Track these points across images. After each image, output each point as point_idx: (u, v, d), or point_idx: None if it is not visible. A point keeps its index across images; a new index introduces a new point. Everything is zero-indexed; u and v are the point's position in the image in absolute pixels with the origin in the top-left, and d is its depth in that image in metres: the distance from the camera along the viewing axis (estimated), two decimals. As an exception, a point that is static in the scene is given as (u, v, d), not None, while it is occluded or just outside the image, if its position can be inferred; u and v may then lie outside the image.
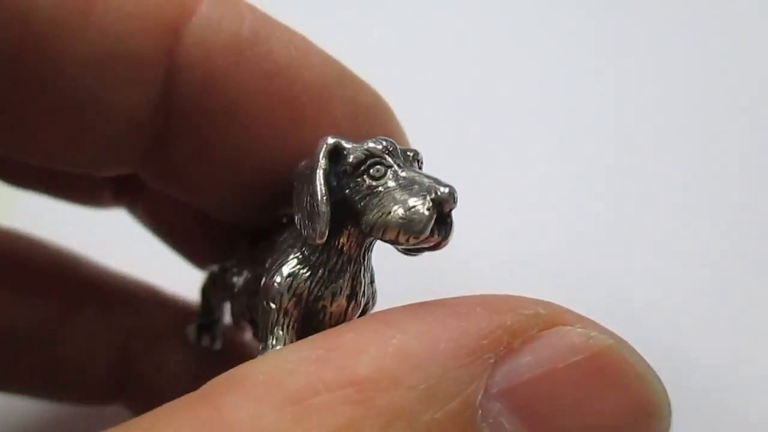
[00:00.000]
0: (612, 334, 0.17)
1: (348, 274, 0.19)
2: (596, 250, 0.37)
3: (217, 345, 0.28)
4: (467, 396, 0.16)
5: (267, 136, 0.21)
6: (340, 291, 0.19)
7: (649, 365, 0.17)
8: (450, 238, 0.18)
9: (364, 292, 0.20)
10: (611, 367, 0.17)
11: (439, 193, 0.17)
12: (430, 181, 0.18)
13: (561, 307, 0.17)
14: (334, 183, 0.19)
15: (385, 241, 0.18)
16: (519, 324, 0.16)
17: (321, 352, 0.16)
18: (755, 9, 0.41)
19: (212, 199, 0.23)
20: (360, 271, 0.20)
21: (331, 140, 0.19)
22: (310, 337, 0.17)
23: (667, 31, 0.42)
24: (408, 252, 0.19)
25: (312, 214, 0.18)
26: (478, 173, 0.38)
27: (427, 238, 0.18)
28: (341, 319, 0.20)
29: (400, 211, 0.18)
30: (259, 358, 0.16)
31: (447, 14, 0.44)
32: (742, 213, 0.36)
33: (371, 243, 0.20)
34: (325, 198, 0.18)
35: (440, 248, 0.18)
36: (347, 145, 0.19)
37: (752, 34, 0.41)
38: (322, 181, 0.18)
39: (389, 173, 0.18)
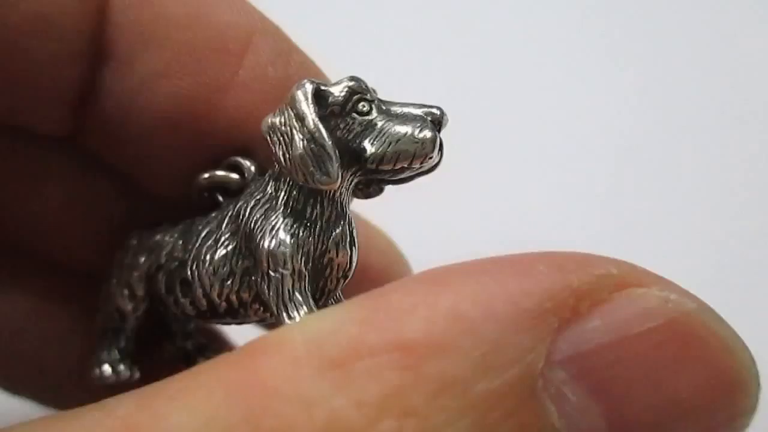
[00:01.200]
0: (694, 298, 0.15)
1: (344, 221, 0.19)
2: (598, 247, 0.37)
3: (136, 373, 0.23)
4: (527, 364, 0.14)
5: (194, 73, 0.21)
6: (342, 239, 0.19)
7: (736, 334, 0.15)
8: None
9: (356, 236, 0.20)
10: (692, 336, 0.15)
11: (436, 114, 0.19)
12: (418, 106, 0.19)
13: (636, 267, 0.15)
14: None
15: (387, 171, 0.18)
16: (587, 285, 0.14)
17: (365, 313, 0.14)
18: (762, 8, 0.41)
19: (141, 160, 0.23)
20: (350, 216, 0.19)
21: (309, 84, 0.18)
22: (352, 298, 0.15)
23: (676, 24, 0.42)
24: (402, 180, 0.19)
25: (319, 158, 0.18)
26: (480, 168, 0.38)
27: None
28: (348, 268, 0.19)
29: (410, 137, 0.18)
30: (299, 320, 0.15)
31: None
32: (744, 212, 0.37)
33: (352, 186, 0.19)
34: (330, 139, 0.18)
35: (435, 169, 0.19)
36: (324, 88, 0.18)
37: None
38: (320, 123, 0.18)
39: (374, 108, 0.19)
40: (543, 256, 0.15)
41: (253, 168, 0.21)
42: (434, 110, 0.19)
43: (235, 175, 0.21)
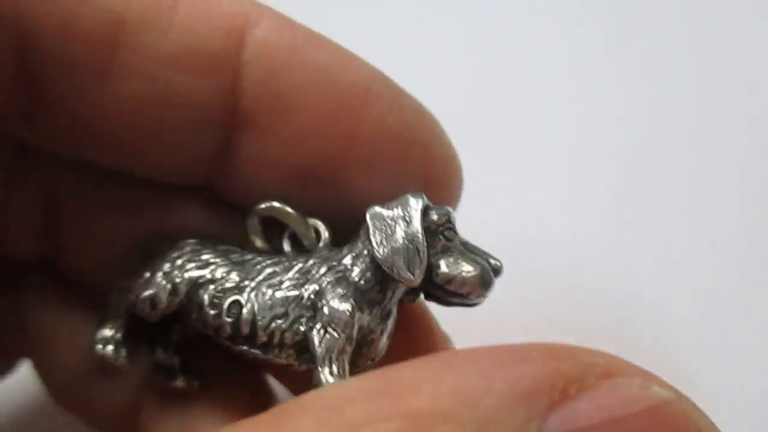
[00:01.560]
0: (673, 389, 0.17)
1: (393, 314, 0.23)
2: (598, 247, 0.38)
3: (129, 364, 0.25)
4: None
5: (327, 132, 0.24)
6: (386, 328, 0.23)
7: (713, 423, 0.16)
8: None
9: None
10: (672, 422, 0.16)
11: (498, 265, 0.23)
12: (485, 253, 0.23)
13: (620, 359, 0.17)
14: None
15: (445, 290, 0.22)
16: (576, 371, 0.16)
17: (382, 385, 0.17)
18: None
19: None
20: (395, 313, 0.23)
21: (424, 198, 0.22)
22: (371, 372, 0.17)
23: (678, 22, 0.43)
24: (446, 302, 0.23)
25: (412, 258, 0.22)
26: (484, 165, 0.38)
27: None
28: (378, 354, 0.22)
29: (477, 275, 0.22)
30: (325, 386, 0.17)
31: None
32: (746, 210, 0.37)
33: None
34: (426, 247, 0.22)
35: (476, 305, 0.23)
36: (430, 206, 0.23)
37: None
38: (423, 233, 0.22)
39: (456, 239, 0.23)
40: (539, 345, 0.17)
41: (327, 234, 0.24)
42: (497, 262, 0.23)
43: (298, 216, 0.24)
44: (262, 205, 0.24)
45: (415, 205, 0.22)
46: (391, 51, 0.31)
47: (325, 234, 0.24)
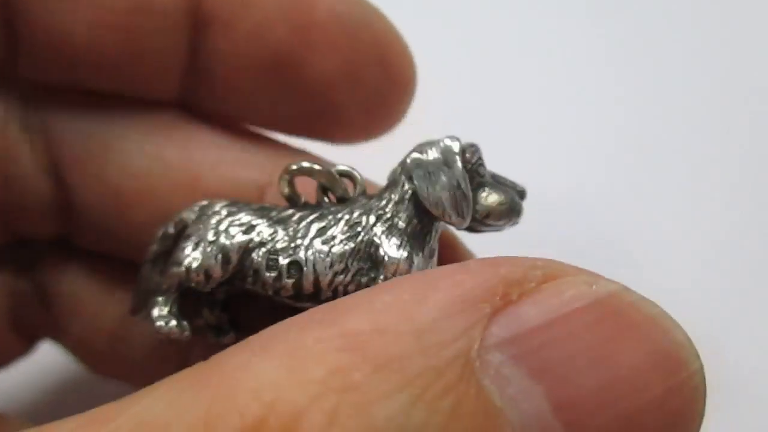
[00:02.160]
0: (616, 282, 0.16)
1: (436, 253, 0.23)
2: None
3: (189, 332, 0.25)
4: (462, 345, 0.15)
5: (276, 16, 0.26)
6: (433, 266, 0.23)
7: (664, 311, 0.16)
8: None
9: None
10: (621, 313, 0.15)
11: (523, 191, 0.24)
12: (512, 182, 0.24)
13: (560, 262, 0.16)
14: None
15: (483, 222, 0.23)
16: (515, 275, 0.16)
17: (325, 313, 0.16)
18: None
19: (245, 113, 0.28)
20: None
21: (459, 140, 0.23)
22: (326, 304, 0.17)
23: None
24: (481, 231, 0.24)
25: (461, 204, 0.22)
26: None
27: None
28: None
29: (510, 202, 0.23)
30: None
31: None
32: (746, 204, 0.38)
33: None
34: (470, 191, 0.23)
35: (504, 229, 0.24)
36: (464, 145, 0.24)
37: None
38: (466, 175, 0.23)
39: (486, 173, 0.24)
40: (477, 259, 0.17)
41: (361, 180, 0.24)
42: (523, 188, 0.24)
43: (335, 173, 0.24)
44: (293, 166, 0.24)
45: (455, 147, 0.23)
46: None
47: (360, 180, 0.24)
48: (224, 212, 0.24)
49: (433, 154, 0.23)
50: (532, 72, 0.44)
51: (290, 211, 0.24)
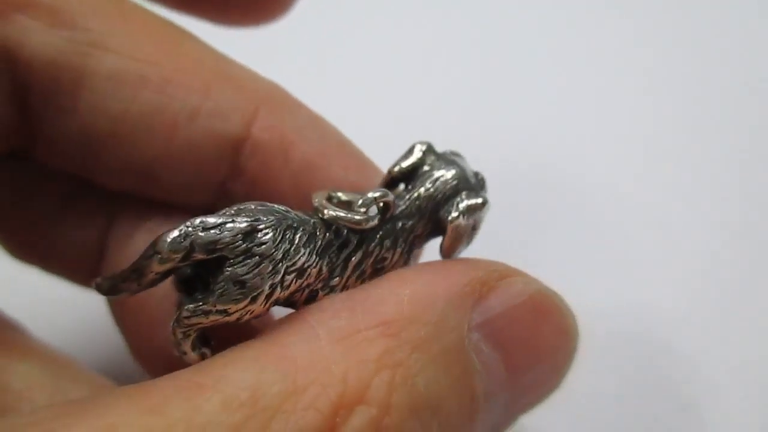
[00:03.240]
0: (538, 281, 0.24)
1: None
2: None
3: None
4: (460, 329, 0.21)
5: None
6: None
7: (566, 302, 0.24)
8: None
9: None
10: (544, 305, 0.23)
11: (483, 178, 0.26)
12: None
13: (508, 266, 0.23)
14: None
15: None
16: (486, 276, 0.22)
17: (355, 303, 0.20)
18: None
19: None
20: None
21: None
22: (347, 292, 0.21)
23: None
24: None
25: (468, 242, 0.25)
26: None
27: None
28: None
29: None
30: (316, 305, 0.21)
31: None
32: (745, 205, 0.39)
33: None
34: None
35: None
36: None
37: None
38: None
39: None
40: (464, 261, 0.23)
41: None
42: (480, 175, 0.25)
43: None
44: (321, 193, 0.24)
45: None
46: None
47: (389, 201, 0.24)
48: (279, 255, 0.22)
49: (470, 219, 0.24)
50: (532, 72, 0.45)
51: (330, 237, 0.23)
